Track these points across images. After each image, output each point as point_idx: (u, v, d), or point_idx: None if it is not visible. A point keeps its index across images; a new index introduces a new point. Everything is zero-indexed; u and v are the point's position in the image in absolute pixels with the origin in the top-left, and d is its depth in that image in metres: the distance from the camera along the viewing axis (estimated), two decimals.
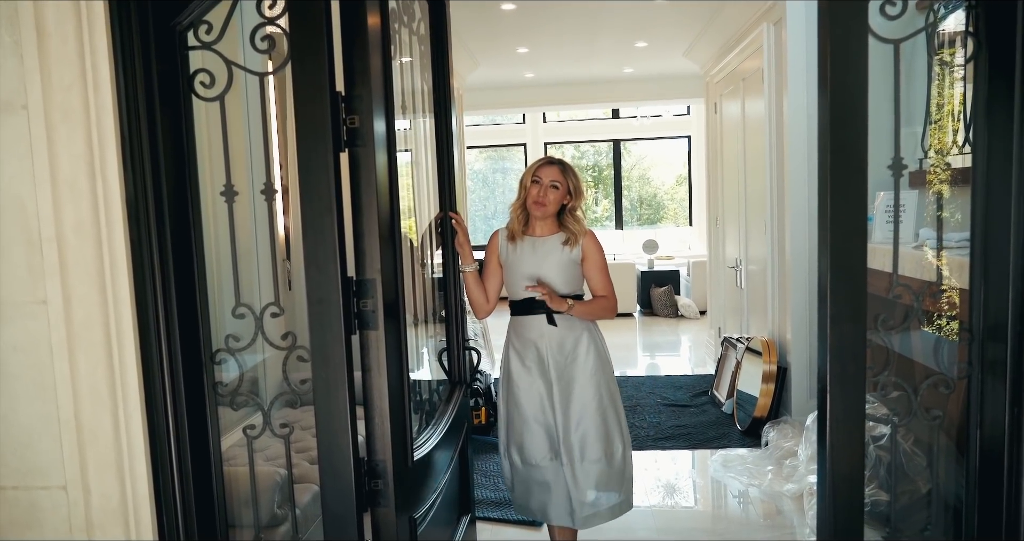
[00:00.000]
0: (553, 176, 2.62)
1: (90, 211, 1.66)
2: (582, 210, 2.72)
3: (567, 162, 2.70)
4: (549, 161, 2.67)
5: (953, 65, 2.59)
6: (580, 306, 2.61)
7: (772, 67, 4.44)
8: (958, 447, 2.31)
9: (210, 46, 1.76)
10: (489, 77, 7.61)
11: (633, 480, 2.76)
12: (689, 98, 9.08)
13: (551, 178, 2.62)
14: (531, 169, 2.68)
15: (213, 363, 1.86)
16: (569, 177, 2.65)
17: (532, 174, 2.65)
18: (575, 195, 2.66)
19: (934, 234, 1.95)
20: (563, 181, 2.63)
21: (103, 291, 1.68)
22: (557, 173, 2.63)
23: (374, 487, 1.91)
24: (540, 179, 2.63)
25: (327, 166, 1.73)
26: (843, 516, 1.80)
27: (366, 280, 1.85)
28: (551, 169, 2.63)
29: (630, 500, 2.74)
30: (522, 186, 2.69)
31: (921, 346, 2.71)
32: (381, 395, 1.89)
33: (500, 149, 11.31)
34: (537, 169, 2.65)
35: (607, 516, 2.67)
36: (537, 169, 2.65)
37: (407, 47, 2.45)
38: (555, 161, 2.67)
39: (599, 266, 2.68)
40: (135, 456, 1.72)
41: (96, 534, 1.73)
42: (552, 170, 2.63)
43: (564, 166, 2.66)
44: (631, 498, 2.75)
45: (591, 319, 2.68)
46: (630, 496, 2.74)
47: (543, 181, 2.62)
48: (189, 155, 1.80)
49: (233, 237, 1.83)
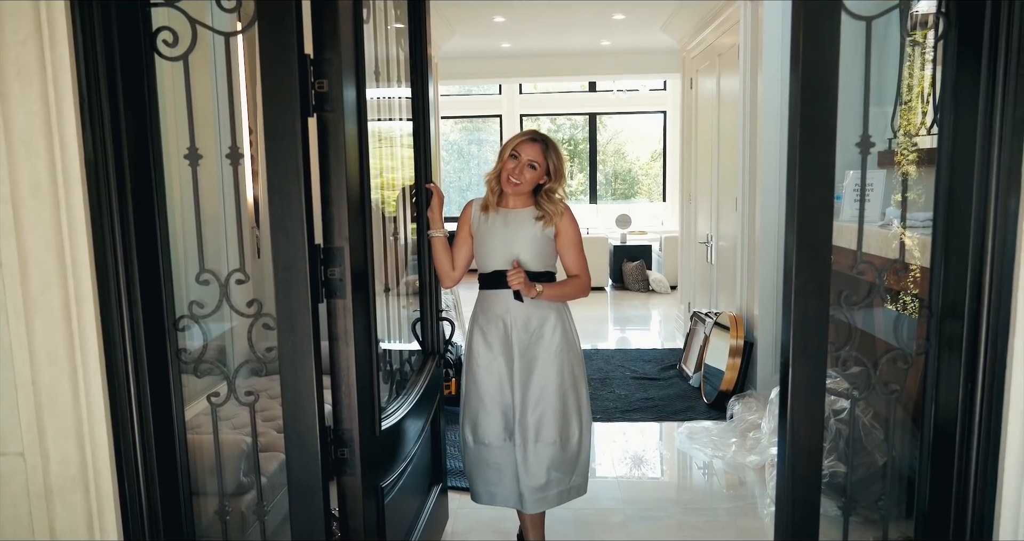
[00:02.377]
0: (533, 155, 2.48)
1: (47, 171, 1.61)
2: (563, 192, 2.57)
3: (552, 141, 2.54)
4: (533, 138, 2.52)
5: (925, 47, 2.61)
6: (550, 289, 2.51)
7: (748, 43, 4.43)
8: (914, 421, 2.38)
9: (173, 3, 1.71)
10: (465, 46, 7.50)
11: (589, 465, 2.69)
12: (665, 73, 9.06)
13: (530, 157, 2.48)
14: (512, 142, 2.52)
15: (176, 329, 1.83)
16: (550, 158, 2.51)
17: (512, 148, 2.51)
18: (554, 177, 2.52)
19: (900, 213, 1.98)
20: (542, 162, 2.49)
21: (61, 254, 1.63)
22: (538, 153, 2.49)
23: (340, 455, 1.91)
24: (518, 155, 2.49)
25: (294, 131, 1.70)
26: (801, 487, 1.85)
27: (334, 248, 1.83)
28: (532, 147, 2.49)
29: (583, 486, 2.69)
30: (500, 158, 2.55)
31: (883, 323, 2.77)
32: (348, 364, 1.89)
33: (475, 120, 11.20)
34: (518, 144, 2.50)
35: (556, 500, 2.61)
36: (518, 144, 2.50)
37: (382, 12, 2.40)
38: (539, 138, 2.52)
39: (574, 243, 2.57)
40: (95, 422, 1.69)
41: (55, 501, 1.71)
42: (534, 149, 2.49)
43: (547, 145, 2.51)
44: (585, 484, 2.69)
45: (563, 301, 2.59)
46: (584, 482, 2.68)
47: (521, 158, 2.49)
48: (151, 116, 1.75)
49: (197, 201, 1.79)
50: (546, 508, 2.65)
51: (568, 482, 2.63)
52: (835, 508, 2.53)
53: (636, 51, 8.15)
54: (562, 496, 2.64)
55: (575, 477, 2.65)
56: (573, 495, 2.68)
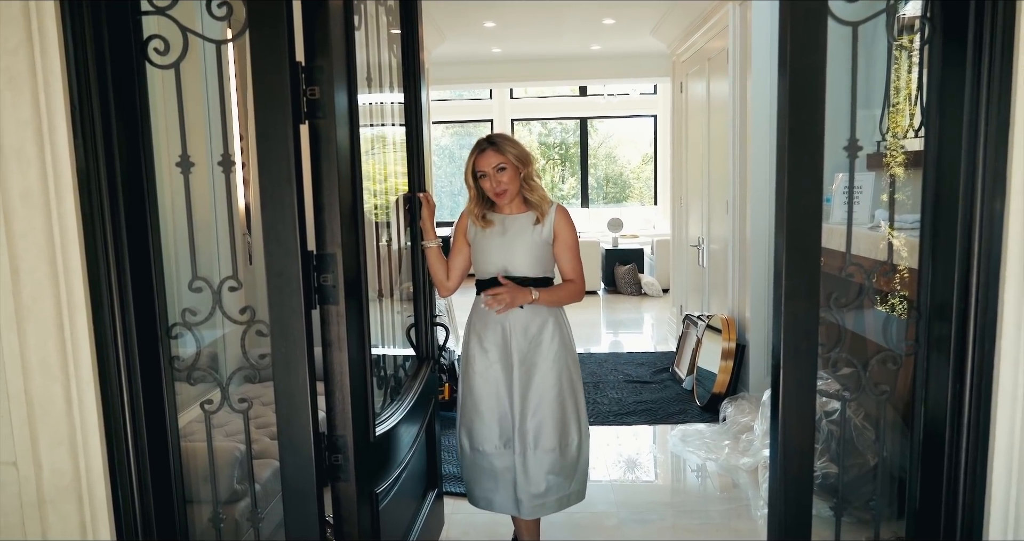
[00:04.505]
0: (494, 161, 2.46)
1: (39, 180, 1.61)
2: (536, 175, 2.54)
3: (496, 136, 2.52)
4: (480, 148, 2.49)
5: (912, 50, 2.63)
6: (546, 294, 2.51)
7: (737, 47, 4.47)
8: (905, 421, 2.39)
9: (164, 11, 1.71)
10: (456, 51, 7.51)
11: (588, 472, 2.70)
12: (656, 77, 9.10)
13: (494, 164, 2.46)
14: (469, 165, 2.50)
15: (169, 337, 1.83)
16: (507, 150, 2.47)
17: (474, 170, 2.49)
18: (523, 163, 2.49)
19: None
20: (506, 159, 2.46)
21: (53, 262, 1.63)
22: (495, 155, 2.46)
23: (334, 462, 1.91)
24: (484, 172, 2.48)
25: (286, 137, 1.70)
26: (793, 488, 1.86)
27: (327, 254, 1.83)
28: (488, 155, 2.47)
29: (582, 492, 2.68)
30: (468, 185, 2.53)
31: (873, 324, 2.79)
32: (342, 370, 1.89)
33: (467, 124, 11.21)
34: (476, 162, 2.48)
35: (555, 507, 2.61)
36: (476, 162, 2.48)
37: (373, 19, 2.41)
38: (485, 145, 2.49)
39: (570, 247, 2.57)
40: (88, 431, 1.69)
41: (48, 510, 1.71)
42: (490, 155, 2.47)
43: (497, 143, 2.48)
44: (583, 490, 2.69)
45: (558, 306, 2.60)
46: (582, 488, 2.68)
47: (488, 172, 2.47)
48: (143, 124, 1.75)
49: (189, 209, 1.79)
50: (545, 514, 2.64)
51: (567, 488, 2.63)
52: (827, 509, 2.54)
53: (626, 55, 8.19)
54: (561, 502, 2.63)
55: (574, 483, 2.65)
56: (573, 501, 2.67)
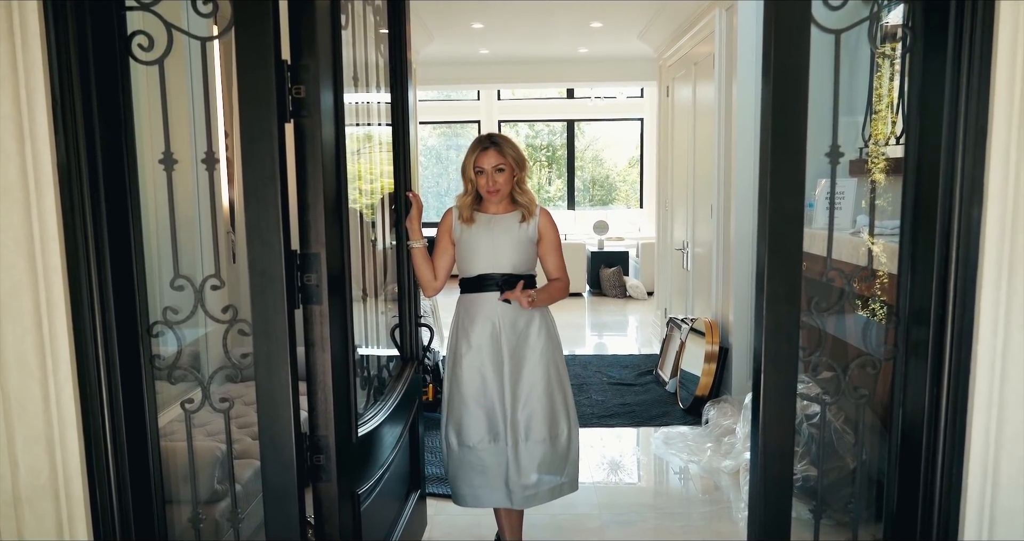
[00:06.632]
0: (495, 161, 2.55)
1: (18, 175, 1.59)
2: (527, 179, 2.66)
3: (499, 137, 2.61)
4: (483, 146, 2.58)
5: (894, 58, 2.67)
6: (542, 295, 2.59)
7: (723, 53, 4.50)
8: (884, 425, 2.42)
9: (149, 7, 1.70)
10: (443, 52, 7.51)
11: (579, 462, 2.75)
12: (642, 81, 9.13)
13: (493, 164, 2.55)
14: (470, 159, 2.59)
15: (150, 335, 1.81)
16: (507, 153, 2.57)
17: (474, 165, 2.58)
18: (519, 167, 2.60)
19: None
20: (506, 161, 2.56)
21: (32, 258, 1.61)
22: (496, 156, 2.56)
23: (316, 462, 1.90)
24: (483, 168, 2.56)
25: (271, 136, 1.69)
26: (773, 491, 1.87)
27: (310, 254, 1.82)
28: (490, 155, 2.56)
29: (574, 482, 2.73)
30: (466, 178, 2.62)
31: (853, 328, 2.82)
32: (324, 370, 1.88)
33: (454, 125, 11.20)
34: (477, 158, 2.57)
35: (547, 497, 2.66)
36: (477, 158, 2.57)
37: (361, 18, 2.40)
38: (488, 143, 2.58)
39: (555, 246, 2.68)
40: (66, 429, 1.67)
41: (24, 509, 1.68)
42: (491, 155, 2.56)
43: (499, 145, 2.58)
44: (576, 480, 2.74)
45: (551, 304, 2.69)
46: (574, 478, 2.73)
47: (486, 169, 2.56)
48: (126, 120, 1.74)
49: (172, 206, 1.78)
50: (536, 504, 2.69)
51: (559, 479, 2.69)
52: (807, 511, 2.56)
53: (614, 59, 8.22)
54: (553, 492, 2.69)
55: (565, 474, 2.70)
56: (566, 491, 2.73)
